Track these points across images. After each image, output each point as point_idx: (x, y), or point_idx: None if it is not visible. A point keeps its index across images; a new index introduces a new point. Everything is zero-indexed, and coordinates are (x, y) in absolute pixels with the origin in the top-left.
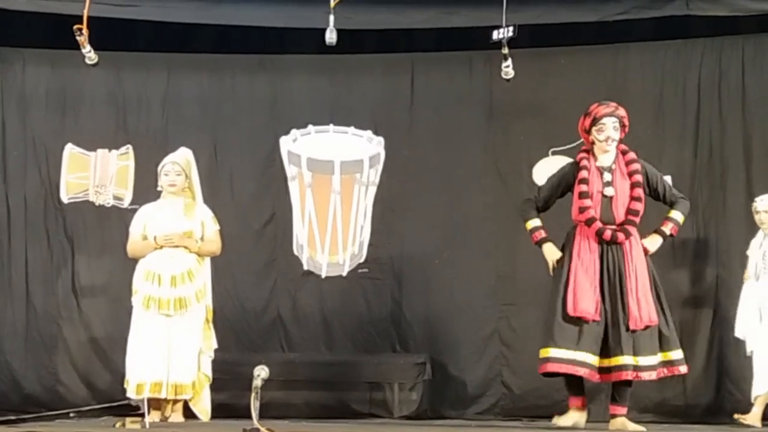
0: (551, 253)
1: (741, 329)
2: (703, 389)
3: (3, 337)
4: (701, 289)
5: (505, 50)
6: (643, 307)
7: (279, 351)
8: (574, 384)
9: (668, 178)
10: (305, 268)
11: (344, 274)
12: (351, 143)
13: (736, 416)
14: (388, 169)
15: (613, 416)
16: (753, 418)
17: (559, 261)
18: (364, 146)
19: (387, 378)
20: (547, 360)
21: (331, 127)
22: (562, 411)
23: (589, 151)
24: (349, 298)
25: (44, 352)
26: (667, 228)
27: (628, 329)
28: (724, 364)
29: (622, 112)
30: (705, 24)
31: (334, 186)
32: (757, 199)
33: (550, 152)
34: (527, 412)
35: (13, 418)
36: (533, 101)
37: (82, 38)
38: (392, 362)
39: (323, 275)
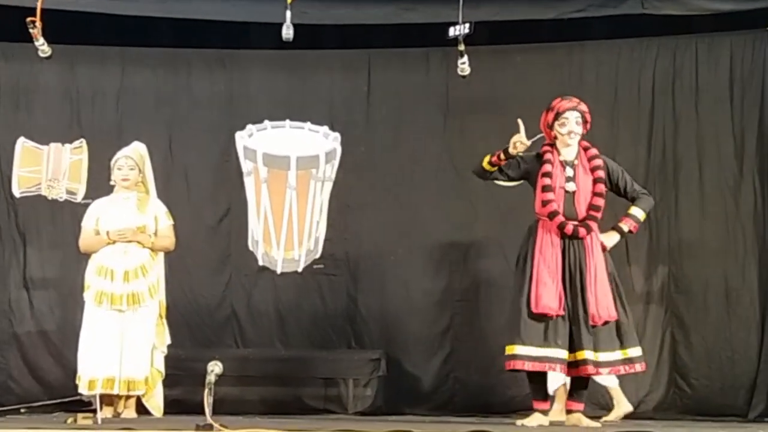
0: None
1: None
2: (654, 386)
3: None
4: (654, 287)
5: (462, 47)
6: (601, 302)
7: (233, 347)
8: (539, 385)
9: None
10: (260, 263)
11: (300, 269)
12: (307, 139)
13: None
14: (345, 165)
15: (569, 412)
16: (555, 414)
17: (520, 256)
18: (320, 142)
19: (342, 374)
20: (513, 357)
21: (288, 122)
22: (516, 407)
23: (553, 146)
24: (305, 294)
25: None
26: (626, 225)
27: (588, 324)
28: (676, 360)
29: (584, 107)
30: (660, 23)
31: (290, 181)
32: None
33: None
34: (481, 408)
35: None
36: (490, 98)
37: (36, 30)
38: (347, 358)
39: (279, 271)
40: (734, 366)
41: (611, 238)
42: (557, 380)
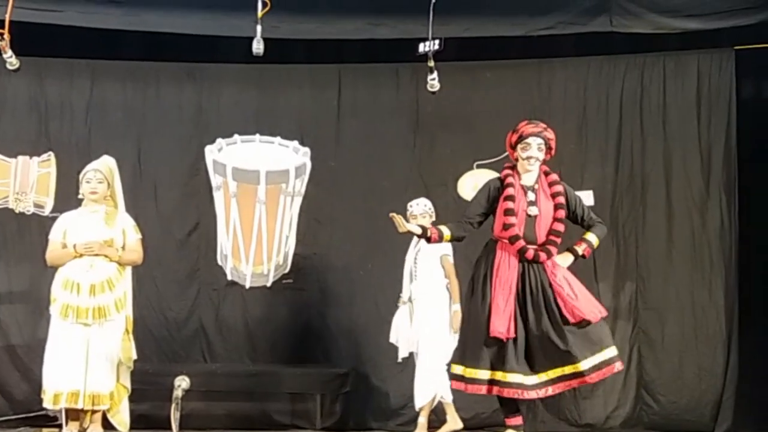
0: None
1: (394, 334)
2: (621, 401)
3: None
4: (621, 303)
5: (432, 63)
6: (581, 302)
7: (201, 361)
8: (509, 402)
9: (590, 193)
10: (229, 278)
11: (268, 284)
12: (277, 153)
13: None
14: (314, 179)
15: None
16: (420, 429)
17: (477, 277)
18: (290, 156)
19: (310, 389)
20: (461, 378)
21: (257, 136)
22: (484, 424)
23: (514, 168)
24: (273, 309)
25: None
26: (580, 248)
27: (543, 345)
28: (643, 376)
29: (549, 134)
30: (628, 41)
31: (260, 196)
32: (413, 202)
33: (474, 165)
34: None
35: None
36: (459, 114)
37: (3, 43)
38: (315, 373)
39: (247, 285)
40: (701, 382)
41: (565, 259)
42: (425, 396)
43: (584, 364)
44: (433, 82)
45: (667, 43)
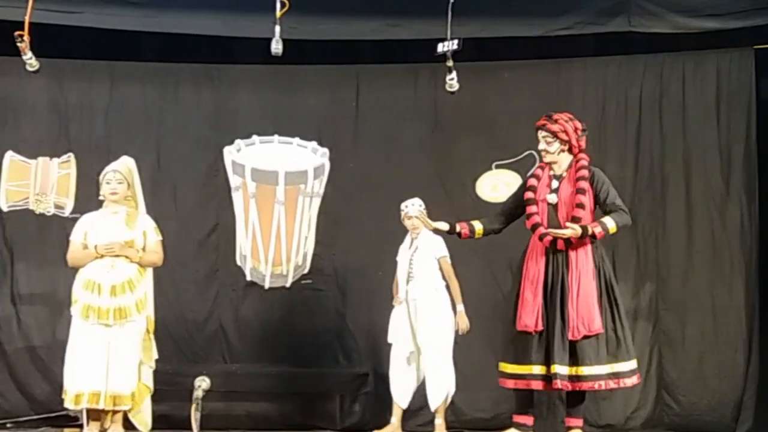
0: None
1: (392, 335)
2: (642, 402)
3: None
4: (641, 303)
5: (450, 63)
6: (583, 316)
7: (221, 362)
8: (523, 400)
9: None
10: (248, 279)
11: (288, 285)
12: (295, 154)
13: None
14: (333, 180)
15: (569, 428)
16: (438, 430)
17: (516, 273)
18: (308, 157)
19: (329, 390)
20: (501, 375)
21: (276, 137)
22: (503, 425)
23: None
24: (293, 310)
25: None
26: (592, 227)
27: (564, 338)
28: (663, 377)
29: (552, 126)
30: (646, 41)
31: (278, 197)
32: (408, 203)
33: (493, 166)
34: (469, 425)
35: None
36: (477, 114)
37: (23, 44)
38: (335, 374)
39: (266, 286)
40: (721, 383)
41: (571, 229)
42: (438, 398)
43: (557, 368)
44: (452, 82)
45: (686, 43)
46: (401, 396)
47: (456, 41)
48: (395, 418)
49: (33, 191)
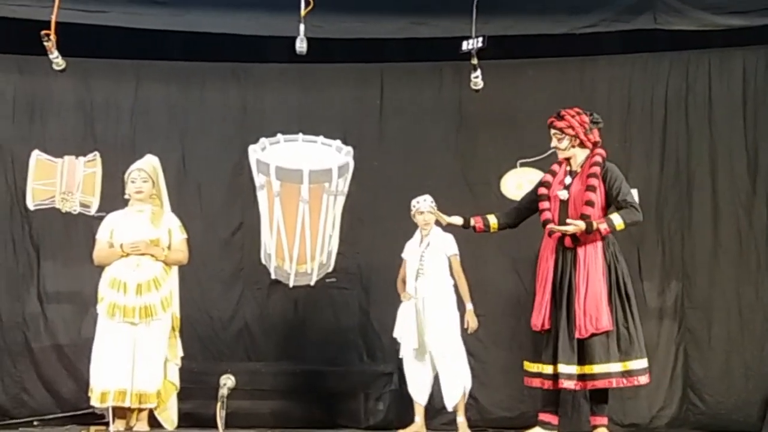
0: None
1: (398, 330)
2: (667, 401)
3: None
4: (667, 302)
5: (475, 61)
6: (590, 314)
7: (245, 360)
8: (548, 399)
9: (635, 192)
10: (273, 277)
11: (312, 283)
12: (320, 152)
13: None
14: (357, 178)
15: (594, 427)
16: (461, 428)
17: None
18: (333, 155)
19: (354, 388)
20: (525, 373)
21: (301, 136)
22: (527, 423)
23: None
24: (317, 308)
25: (9, 360)
26: (598, 222)
27: (571, 337)
28: (689, 376)
29: (558, 122)
30: (672, 38)
31: (303, 195)
32: (419, 199)
33: (518, 164)
34: (493, 423)
35: None
36: (502, 112)
37: (50, 44)
38: (359, 372)
39: (291, 285)
40: (748, 381)
41: (574, 225)
42: (455, 396)
43: (562, 367)
44: (477, 80)
45: (712, 40)
46: (418, 392)
47: (481, 39)
48: (419, 417)
49: (59, 190)
